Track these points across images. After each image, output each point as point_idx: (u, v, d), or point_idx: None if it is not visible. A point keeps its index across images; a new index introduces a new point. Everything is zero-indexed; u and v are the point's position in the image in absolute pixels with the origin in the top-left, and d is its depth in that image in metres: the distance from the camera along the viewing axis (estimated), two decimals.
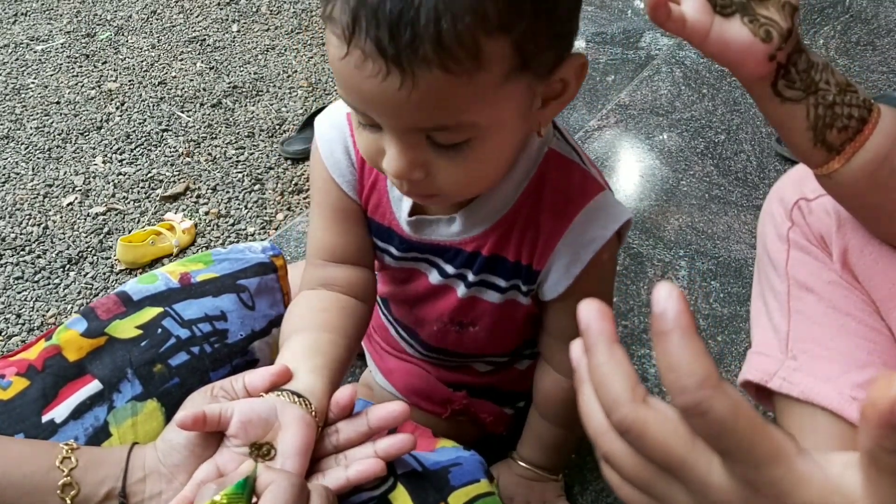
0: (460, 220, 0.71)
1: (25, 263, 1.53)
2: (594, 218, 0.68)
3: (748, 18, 0.57)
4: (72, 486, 0.55)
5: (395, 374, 0.94)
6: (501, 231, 0.71)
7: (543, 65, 0.55)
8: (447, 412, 0.91)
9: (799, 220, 0.83)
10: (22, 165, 1.80)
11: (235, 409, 0.58)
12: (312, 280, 0.76)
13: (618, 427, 0.33)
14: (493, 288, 0.76)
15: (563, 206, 0.69)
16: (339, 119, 0.72)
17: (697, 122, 1.68)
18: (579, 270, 0.70)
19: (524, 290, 0.75)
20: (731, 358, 1.16)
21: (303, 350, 0.66)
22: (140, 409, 0.69)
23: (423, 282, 0.79)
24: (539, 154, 0.69)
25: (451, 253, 0.74)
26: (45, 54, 2.25)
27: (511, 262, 0.73)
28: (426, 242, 0.74)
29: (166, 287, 0.78)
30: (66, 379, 0.68)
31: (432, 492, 0.65)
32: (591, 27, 2.13)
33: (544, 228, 0.69)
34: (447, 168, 0.57)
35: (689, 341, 0.30)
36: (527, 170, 0.68)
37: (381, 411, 0.61)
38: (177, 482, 0.56)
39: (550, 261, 0.71)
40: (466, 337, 0.83)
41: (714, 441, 0.31)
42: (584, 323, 0.34)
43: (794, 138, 0.64)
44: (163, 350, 0.72)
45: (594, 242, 0.68)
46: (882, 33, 1.93)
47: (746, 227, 1.39)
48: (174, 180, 1.74)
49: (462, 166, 0.57)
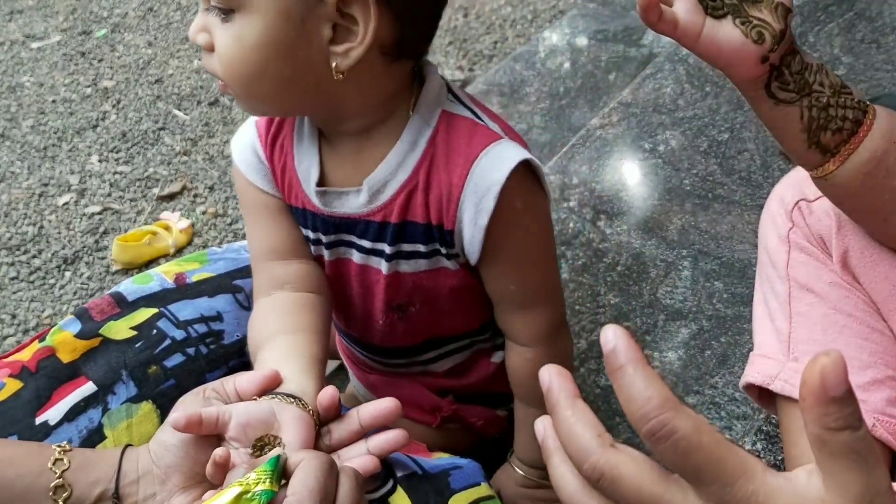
0: (365, 190, 0.71)
1: (21, 263, 1.51)
2: (491, 165, 0.68)
3: (740, 20, 0.58)
4: (64, 487, 0.55)
5: (380, 388, 0.93)
6: (405, 196, 0.71)
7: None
8: (437, 420, 0.90)
9: (799, 221, 0.83)
10: (17, 164, 1.78)
11: (233, 412, 0.58)
12: (263, 286, 0.76)
13: (590, 474, 0.34)
14: (413, 256, 0.75)
15: (459, 159, 0.69)
16: (247, 126, 0.77)
17: (700, 120, 1.67)
18: (486, 220, 0.69)
19: (445, 253, 0.75)
20: (734, 359, 1.15)
21: (282, 354, 0.66)
22: (135, 410, 0.69)
23: (350, 266, 0.78)
24: (433, 117, 0.70)
25: (362, 226, 0.74)
26: (40, 52, 2.23)
27: (422, 225, 0.72)
28: (338, 216, 0.74)
29: (161, 287, 0.78)
30: (59, 380, 0.68)
31: (433, 495, 0.64)
32: (593, 24, 2.12)
33: (445, 185, 0.70)
34: (217, 36, 0.63)
35: (643, 371, 0.32)
36: (422, 131, 0.70)
37: (370, 409, 0.61)
38: (170, 483, 0.56)
39: (458, 217, 0.70)
40: (412, 322, 0.81)
41: (683, 462, 0.32)
42: (545, 385, 0.36)
43: (788, 140, 0.64)
44: (158, 351, 0.72)
45: (493, 187, 0.68)
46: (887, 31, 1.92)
47: (750, 226, 1.38)
48: (171, 179, 1.73)
49: (226, 38, 0.62)
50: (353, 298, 0.82)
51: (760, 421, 1.05)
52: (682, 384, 1.11)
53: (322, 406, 0.62)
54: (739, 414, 1.07)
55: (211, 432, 0.57)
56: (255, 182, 0.76)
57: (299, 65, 0.63)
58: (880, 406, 0.76)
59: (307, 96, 0.66)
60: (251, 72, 0.63)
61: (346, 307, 0.84)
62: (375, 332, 0.84)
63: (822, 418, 0.29)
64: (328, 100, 0.67)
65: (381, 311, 0.80)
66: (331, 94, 0.66)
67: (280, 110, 0.71)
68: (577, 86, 1.86)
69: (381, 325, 0.82)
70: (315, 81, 0.64)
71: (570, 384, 0.36)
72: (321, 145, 0.73)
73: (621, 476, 0.33)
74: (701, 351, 1.16)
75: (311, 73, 0.64)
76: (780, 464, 1.00)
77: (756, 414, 1.06)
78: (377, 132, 0.70)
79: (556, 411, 0.36)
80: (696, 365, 1.14)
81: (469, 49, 2.15)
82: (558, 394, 0.36)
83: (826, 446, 0.30)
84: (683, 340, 1.18)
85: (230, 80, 0.64)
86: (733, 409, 1.08)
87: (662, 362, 1.15)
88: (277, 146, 0.75)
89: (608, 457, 0.33)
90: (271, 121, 0.76)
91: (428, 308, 0.80)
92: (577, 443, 0.34)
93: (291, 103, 0.68)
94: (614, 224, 1.41)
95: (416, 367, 0.90)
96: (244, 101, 0.67)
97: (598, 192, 1.48)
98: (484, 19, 2.29)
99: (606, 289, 1.27)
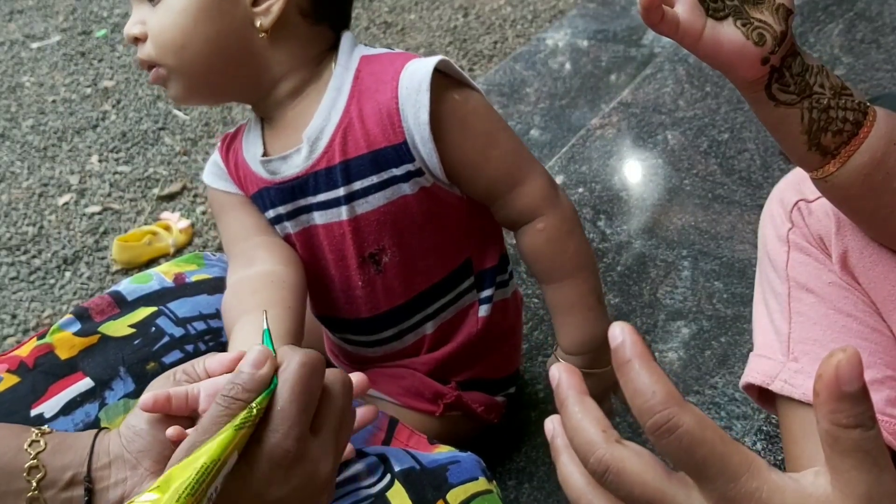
0: (305, 144, 0.76)
1: (21, 263, 1.51)
2: (414, 70, 0.74)
3: (741, 22, 0.58)
4: (38, 468, 0.54)
5: (380, 381, 0.93)
6: (342, 134, 0.76)
7: None
8: (440, 408, 0.90)
9: (799, 221, 0.83)
10: (17, 164, 1.78)
11: (201, 387, 0.57)
12: (235, 268, 0.79)
13: (595, 468, 0.34)
14: (369, 192, 0.77)
15: (387, 77, 0.75)
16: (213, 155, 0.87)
17: (700, 120, 1.67)
18: (426, 115, 0.73)
19: (401, 174, 0.77)
20: (734, 359, 1.14)
21: (252, 335, 0.67)
22: (132, 406, 0.68)
23: (317, 231, 0.81)
24: (352, 61, 0.77)
25: (311, 181, 0.78)
26: (40, 52, 2.24)
27: (367, 155, 0.76)
28: (288, 180, 0.78)
29: (161, 286, 0.79)
30: (56, 376, 0.69)
31: (430, 489, 0.65)
32: (593, 25, 2.12)
33: (381, 105, 0.75)
34: (151, 21, 0.72)
35: (649, 366, 0.32)
36: (345, 77, 0.77)
37: None
38: (141, 468, 0.55)
39: (405, 125, 0.74)
40: (389, 275, 0.82)
41: (686, 457, 0.32)
42: (554, 381, 0.37)
43: (788, 142, 0.64)
44: (156, 348, 0.72)
45: (423, 82, 0.73)
46: (887, 31, 1.92)
47: (750, 226, 1.38)
48: (171, 179, 1.73)
49: (157, 16, 0.71)
50: (329, 268, 0.83)
51: (760, 421, 1.06)
52: (683, 384, 1.11)
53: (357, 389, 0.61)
54: (739, 414, 1.07)
55: (181, 411, 0.56)
56: (218, 186, 0.84)
57: (225, 26, 0.72)
58: (880, 406, 0.76)
59: (237, 64, 0.74)
60: (181, 37, 0.71)
61: (327, 284, 0.85)
62: (359, 302, 0.85)
63: (835, 414, 0.29)
64: (257, 66, 0.75)
65: (356, 268, 0.82)
66: (259, 58, 0.74)
67: (213, 88, 0.78)
68: (577, 86, 1.86)
69: (362, 288, 0.83)
70: (243, 45, 0.73)
71: (578, 381, 0.37)
72: (264, 129, 0.81)
73: (625, 470, 0.33)
74: (701, 351, 1.16)
75: (237, 35, 0.72)
76: (781, 464, 1.00)
77: (756, 414, 1.06)
78: (307, 93, 0.77)
79: (565, 407, 0.36)
80: (697, 365, 1.14)
81: (469, 49, 2.15)
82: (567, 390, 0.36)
83: (837, 444, 0.30)
84: (683, 340, 1.18)
85: (162, 54, 0.72)
86: (733, 409, 1.08)
87: (663, 362, 1.15)
88: (232, 149, 0.84)
89: (613, 451, 0.34)
90: (228, 133, 0.85)
91: (400, 253, 0.81)
92: (584, 437, 0.35)
93: (223, 76, 0.75)
94: (614, 224, 1.41)
95: (409, 337, 0.90)
96: (178, 77, 0.74)
97: (598, 192, 1.48)
98: (484, 19, 2.29)
99: (607, 289, 1.27)
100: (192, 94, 0.77)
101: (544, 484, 1.00)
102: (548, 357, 1.16)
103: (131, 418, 0.57)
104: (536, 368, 1.14)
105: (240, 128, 0.85)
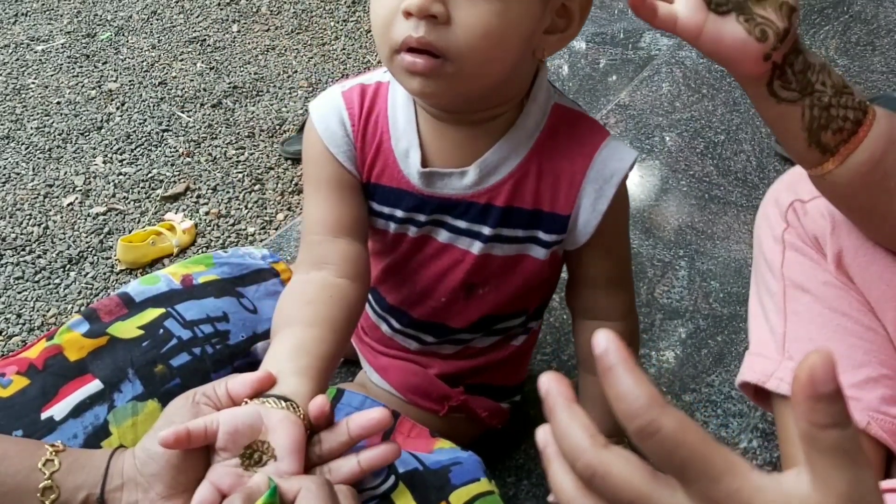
0: (473, 172, 0.73)
1: (26, 263, 1.53)
2: (611, 155, 0.73)
3: (744, 17, 0.57)
4: (52, 489, 0.54)
5: (391, 371, 0.93)
6: (516, 181, 0.73)
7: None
8: (444, 409, 0.91)
9: (794, 221, 0.83)
10: (22, 165, 1.80)
11: (220, 421, 0.56)
12: (306, 261, 0.75)
13: (583, 473, 0.35)
14: (509, 241, 0.77)
15: (580, 149, 0.73)
16: (333, 96, 0.75)
17: (697, 122, 1.68)
18: (606, 206, 0.73)
19: (545, 240, 0.76)
20: (730, 358, 1.16)
21: (287, 351, 0.65)
22: (141, 409, 0.69)
23: (432, 244, 0.79)
24: (547, 106, 0.74)
25: (462, 207, 0.75)
26: (45, 54, 2.25)
27: (528, 211, 0.74)
28: (437, 197, 0.75)
29: (168, 288, 0.78)
30: (66, 378, 0.68)
31: (433, 490, 0.65)
32: (591, 27, 2.14)
33: (565, 172, 0.73)
34: (467, 9, 0.60)
35: (632, 372, 0.33)
36: (537, 121, 0.73)
37: (361, 419, 0.59)
38: (153, 492, 0.55)
39: (577, 202, 0.73)
40: (473, 303, 0.83)
41: (668, 458, 0.32)
42: (543, 390, 0.37)
43: (788, 138, 0.64)
44: (164, 350, 0.72)
45: (615, 176, 0.73)
46: (882, 33, 1.93)
47: (746, 227, 1.39)
48: (174, 180, 1.74)
49: (482, 11, 0.60)
50: (422, 276, 0.82)
51: (756, 419, 1.07)
52: (679, 382, 1.13)
53: (311, 416, 0.59)
54: (735, 412, 1.08)
55: (200, 444, 0.56)
56: (337, 155, 0.75)
57: (527, 49, 0.66)
58: (875, 404, 0.76)
59: (506, 82, 0.68)
60: (499, 49, 0.63)
61: (407, 282, 0.84)
62: (427, 309, 0.85)
63: (811, 414, 0.30)
64: (514, 85, 0.70)
65: (451, 290, 0.81)
66: (518, 79, 0.70)
67: (472, 102, 0.69)
68: (575, 88, 1.87)
69: (442, 302, 0.83)
70: (522, 66, 0.68)
71: (567, 389, 0.37)
72: (419, 127, 0.73)
73: (611, 474, 0.34)
74: (697, 350, 1.18)
75: (524, 57, 0.67)
76: (776, 461, 1.01)
77: (752, 412, 1.08)
78: (492, 117, 0.72)
79: (553, 413, 0.37)
80: (693, 363, 1.15)
81: None
82: (556, 398, 0.37)
83: (814, 443, 0.30)
84: (680, 339, 1.20)
85: (469, 55, 0.61)
86: (729, 407, 1.09)
87: (659, 361, 1.16)
88: (371, 124, 0.74)
89: (600, 456, 0.34)
90: (363, 98, 0.75)
91: (496, 291, 0.82)
92: (571, 442, 0.35)
93: (491, 87, 0.67)
94: None
95: (447, 347, 0.90)
96: (458, 80, 0.64)
97: None
98: None
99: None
100: (454, 100, 0.69)
101: (543, 481, 1.00)
102: (548, 356, 1.17)
103: (146, 441, 0.56)
104: (536, 366, 1.15)
105: (377, 92, 0.75)
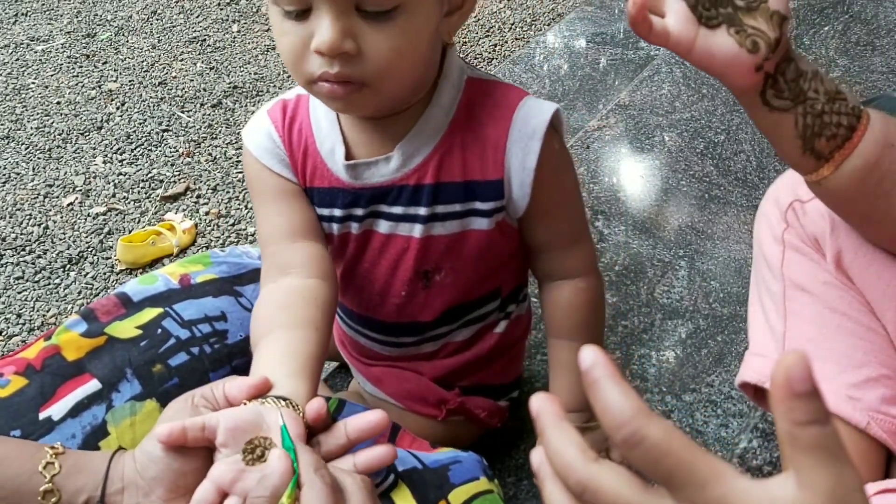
0: (397, 155, 0.73)
1: (26, 263, 1.53)
2: (529, 112, 0.73)
3: (734, 29, 0.57)
4: (53, 492, 0.54)
5: (385, 381, 0.93)
6: (440, 156, 0.74)
7: None
8: (443, 413, 0.91)
9: (793, 221, 0.83)
10: (22, 165, 1.80)
11: (220, 418, 0.56)
12: (271, 272, 0.75)
13: (575, 488, 0.36)
14: (448, 218, 0.77)
15: (499, 113, 0.73)
16: (259, 117, 0.78)
17: (697, 122, 1.68)
18: (535, 162, 0.73)
19: (484, 209, 0.76)
20: (730, 358, 1.16)
21: (275, 356, 0.65)
22: (139, 408, 0.69)
23: (374, 237, 0.79)
24: (461, 81, 0.75)
25: (394, 192, 0.75)
26: (45, 54, 2.25)
27: (460, 184, 0.75)
28: (368, 187, 0.75)
29: (166, 288, 0.78)
30: (64, 378, 0.68)
31: (433, 489, 0.65)
32: (591, 27, 2.14)
33: (489, 139, 0.73)
34: (375, 39, 0.61)
35: (618, 384, 0.34)
36: (452, 96, 0.74)
37: (358, 422, 0.60)
38: (154, 496, 0.55)
39: (506, 165, 0.74)
40: (433, 291, 0.82)
41: (655, 467, 0.33)
42: (535, 411, 0.38)
43: (783, 146, 0.64)
44: (162, 350, 0.72)
45: (537, 131, 0.73)
46: (882, 33, 1.93)
47: (746, 227, 1.39)
48: (174, 180, 1.74)
49: (389, 37, 0.62)
50: (376, 272, 0.82)
51: (756, 418, 1.07)
52: (679, 382, 1.13)
53: (308, 419, 0.59)
54: (735, 412, 1.08)
55: (198, 443, 0.55)
56: (271, 166, 0.76)
57: (435, 42, 0.68)
58: (875, 404, 0.76)
59: (420, 78, 0.70)
60: (412, 60, 0.65)
61: (365, 284, 0.84)
62: (391, 307, 0.85)
63: (790, 412, 0.31)
64: (425, 75, 0.71)
65: (407, 280, 0.81)
66: (428, 68, 0.71)
67: (396, 99, 0.70)
68: (575, 88, 1.87)
69: (402, 296, 0.83)
70: (432, 56, 0.70)
71: (556, 407, 0.38)
72: (341, 123, 0.75)
73: (601, 488, 0.35)
74: (697, 350, 1.18)
75: (431, 49, 0.68)
76: (776, 461, 1.01)
77: (752, 412, 1.07)
78: (409, 105, 0.73)
79: (544, 433, 0.37)
80: (693, 363, 1.15)
81: (468, 52, 2.16)
82: (546, 416, 0.38)
83: (796, 442, 0.31)
84: (680, 339, 1.19)
85: (386, 77, 0.64)
86: (729, 407, 1.09)
87: (659, 361, 1.16)
88: (295, 131, 0.76)
89: (590, 471, 0.35)
90: (285, 111, 0.77)
91: (453, 275, 0.82)
92: (562, 460, 0.36)
93: (410, 88, 0.70)
94: (612, 224, 1.42)
95: (427, 345, 0.90)
96: (375, 95, 0.65)
97: (596, 192, 1.50)
98: (483, 22, 2.31)
99: (604, 288, 1.29)
100: (378, 109, 0.71)
101: None
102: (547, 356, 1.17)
103: (147, 443, 0.56)
104: (536, 367, 1.15)
105: (298, 104, 0.77)
